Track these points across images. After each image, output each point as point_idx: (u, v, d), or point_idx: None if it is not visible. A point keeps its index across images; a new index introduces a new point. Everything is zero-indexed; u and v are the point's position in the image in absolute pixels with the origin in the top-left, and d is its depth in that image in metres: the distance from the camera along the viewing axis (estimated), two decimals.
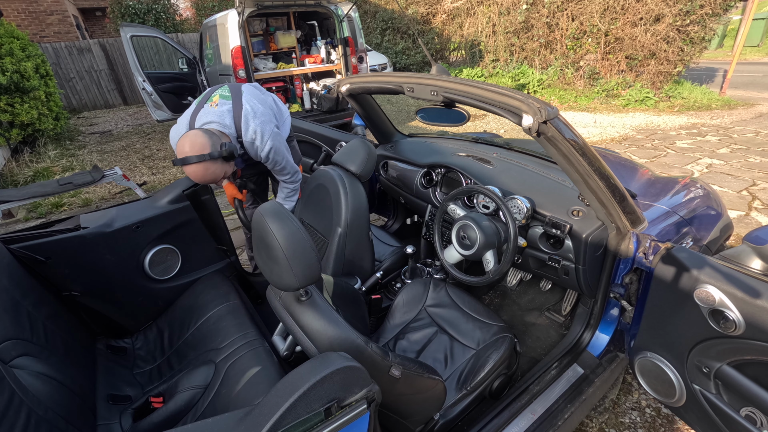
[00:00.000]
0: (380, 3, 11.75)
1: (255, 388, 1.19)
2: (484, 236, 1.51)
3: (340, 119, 5.41)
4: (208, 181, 1.60)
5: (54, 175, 5.03)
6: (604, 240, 1.42)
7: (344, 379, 0.76)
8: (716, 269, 1.12)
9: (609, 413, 1.77)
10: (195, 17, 12.83)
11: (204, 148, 1.52)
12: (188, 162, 1.51)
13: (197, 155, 1.51)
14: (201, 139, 1.53)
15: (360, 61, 5.67)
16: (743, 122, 6.25)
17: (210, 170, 1.56)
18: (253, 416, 0.70)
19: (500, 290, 2.26)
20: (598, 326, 1.58)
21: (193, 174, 1.55)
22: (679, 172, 4.44)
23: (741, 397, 1.15)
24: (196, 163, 1.52)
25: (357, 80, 1.79)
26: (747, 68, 11.36)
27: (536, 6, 8.50)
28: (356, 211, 1.62)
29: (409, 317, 1.66)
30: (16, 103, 5.18)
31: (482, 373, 1.37)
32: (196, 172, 1.54)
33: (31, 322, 1.23)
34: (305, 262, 0.88)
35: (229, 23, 4.74)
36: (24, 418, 0.94)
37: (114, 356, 1.55)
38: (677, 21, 6.89)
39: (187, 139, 1.52)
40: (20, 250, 1.38)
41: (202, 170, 1.54)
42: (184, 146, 1.51)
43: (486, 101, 1.20)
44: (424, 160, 2.12)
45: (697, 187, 2.02)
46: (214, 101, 1.69)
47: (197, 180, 1.58)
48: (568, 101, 8.03)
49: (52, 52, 9.04)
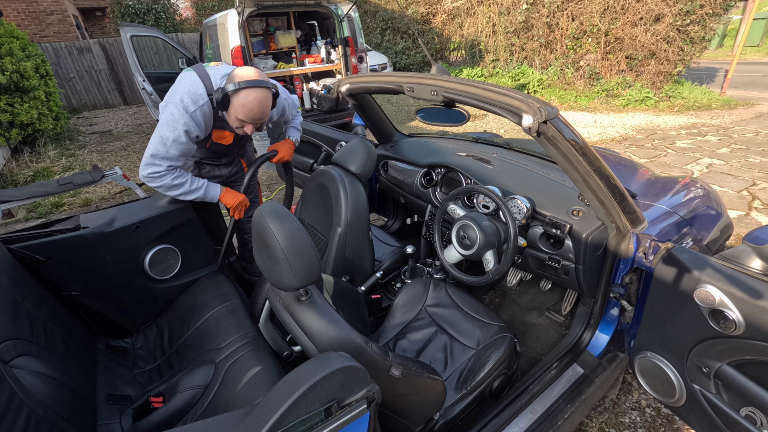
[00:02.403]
0: (380, 3, 11.75)
1: (255, 388, 1.18)
2: (484, 236, 1.51)
3: (340, 119, 5.40)
4: (264, 114, 1.52)
5: (54, 175, 5.02)
6: (604, 240, 1.42)
7: (344, 379, 0.76)
8: (716, 269, 1.12)
9: (609, 413, 1.77)
10: (195, 17, 12.83)
11: (268, 79, 1.51)
12: (259, 85, 1.45)
13: (266, 81, 1.49)
14: (262, 73, 1.51)
15: (360, 61, 5.66)
16: (743, 122, 6.25)
17: (270, 102, 1.53)
18: (253, 416, 0.70)
19: (500, 290, 2.26)
20: (598, 326, 1.58)
21: (259, 99, 1.47)
22: (679, 172, 4.44)
23: (741, 397, 1.15)
24: (264, 88, 1.47)
25: (357, 80, 1.79)
26: (747, 68, 11.36)
27: (536, 6, 8.50)
28: (356, 211, 1.62)
29: (409, 317, 1.66)
30: (16, 103, 5.18)
31: (482, 373, 1.37)
32: (264, 97, 1.48)
33: (31, 322, 1.23)
34: (305, 262, 0.88)
35: (229, 23, 4.74)
36: (24, 418, 0.94)
37: (114, 356, 1.55)
38: (677, 21, 6.89)
39: (252, 69, 1.49)
40: (20, 250, 1.38)
41: (267, 98, 1.50)
42: (252, 72, 1.47)
43: (486, 101, 1.20)
44: (424, 160, 2.12)
45: (697, 187, 2.02)
46: (214, 63, 1.64)
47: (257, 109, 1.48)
48: (568, 101, 8.02)
49: (52, 52, 9.04)
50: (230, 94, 1.45)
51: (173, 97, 1.51)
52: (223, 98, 1.46)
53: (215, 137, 1.70)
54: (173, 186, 1.57)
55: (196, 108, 1.51)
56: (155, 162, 1.51)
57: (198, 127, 1.53)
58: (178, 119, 1.48)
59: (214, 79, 1.54)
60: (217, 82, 1.53)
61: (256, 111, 1.48)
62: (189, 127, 1.50)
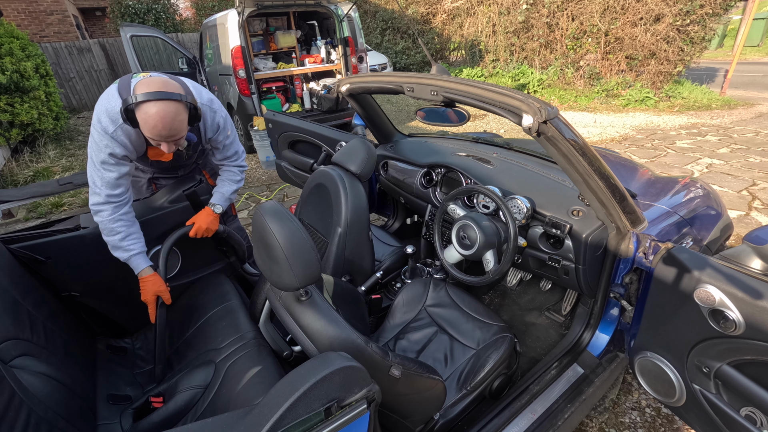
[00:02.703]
0: (380, 3, 11.75)
1: (255, 388, 1.18)
2: (484, 236, 1.51)
3: (340, 119, 5.41)
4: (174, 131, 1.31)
5: (54, 175, 5.03)
6: (604, 240, 1.42)
7: (344, 379, 0.76)
8: (716, 269, 1.12)
9: (609, 413, 1.77)
10: (195, 17, 12.83)
11: (178, 89, 1.31)
12: (159, 97, 1.24)
13: (171, 92, 1.27)
14: (173, 82, 1.32)
15: (360, 61, 5.67)
16: (743, 122, 6.25)
17: (180, 117, 1.30)
18: (253, 416, 0.70)
19: (500, 290, 2.26)
20: (598, 326, 1.58)
21: (161, 114, 1.25)
22: (679, 172, 4.44)
23: (741, 397, 1.15)
24: (168, 101, 1.26)
25: (357, 80, 1.79)
26: (747, 68, 11.36)
27: (536, 6, 8.50)
28: (356, 211, 1.62)
29: (409, 317, 1.66)
30: (16, 103, 5.18)
31: (482, 373, 1.37)
32: (166, 112, 1.26)
33: (31, 322, 1.23)
34: (305, 262, 0.88)
35: (229, 23, 4.74)
36: (24, 418, 0.94)
37: (114, 356, 1.55)
38: (677, 21, 6.89)
39: (157, 79, 1.29)
40: (20, 250, 1.38)
41: (173, 112, 1.27)
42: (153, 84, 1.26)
43: (486, 101, 1.20)
44: (424, 160, 2.12)
45: (697, 186, 2.02)
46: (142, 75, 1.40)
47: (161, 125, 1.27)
48: (568, 101, 8.02)
49: (52, 52, 9.04)
50: (132, 108, 1.25)
51: (94, 116, 1.37)
52: (127, 114, 1.27)
53: (152, 155, 1.56)
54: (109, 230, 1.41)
55: (116, 127, 1.35)
56: (95, 189, 1.39)
57: (124, 147, 1.38)
58: (98, 141, 1.36)
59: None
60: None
61: (159, 127, 1.27)
62: (113, 149, 1.36)
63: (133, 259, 1.47)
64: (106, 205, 1.40)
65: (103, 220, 1.41)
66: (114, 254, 1.45)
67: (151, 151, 1.55)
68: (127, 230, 1.45)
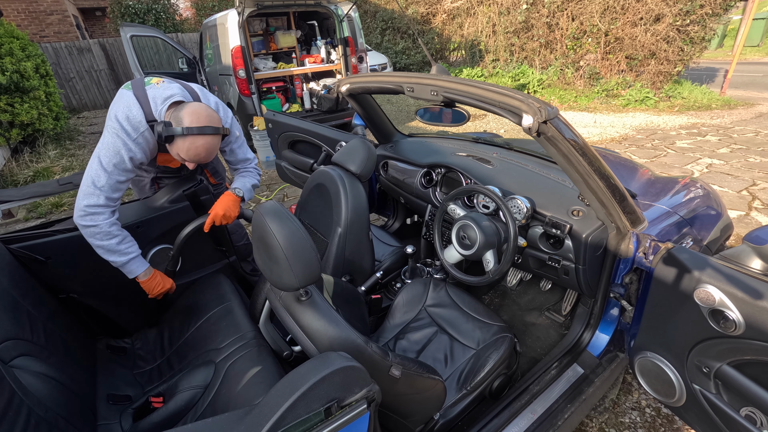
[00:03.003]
0: (380, 3, 11.75)
1: (255, 388, 1.18)
2: (484, 236, 1.51)
3: (340, 119, 5.40)
4: (210, 158, 1.45)
5: (54, 175, 5.02)
6: (604, 240, 1.42)
7: (344, 379, 0.76)
8: (716, 269, 1.12)
9: (609, 413, 1.77)
10: (195, 17, 12.83)
11: (219, 121, 1.43)
12: (209, 132, 1.38)
13: (217, 127, 1.40)
14: (213, 112, 1.43)
15: (360, 61, 5.67)
16: (743, 122, 6.25)
17: (217, 147, 1.45)
18: (253, 416, 0.70)
19: (500, 290, 2.26)
20: (598, 326, 1.58)
21: (206, 146, 1.40)
22: (679, 172, 4.44)
23: (741, 397, 1.15)
24: (213, 135, 1.40)
25: (357, 80, 1.79)
26: (747, 68, 11.36)
27: (536, 6, 8.50)
28: (356, 211, 1.62)
29: (409, 317, 1.66)
30: (16, 103, 5.18)
31: (482, 373, 1.37)
32: (211, 144, 1.41)
33: (31, 322, 1.23)
34: (305, 262, 0.88)
35: (229, 23, 4.74)
36: (24, 418, 0.94)
37: (114, 356, 1.55)
38: (677, 21, 6.89)
39: (202, 110, 1.39)
40: (20, 250, 1.38)
41: (215, 144, 1.43)
42: (201, 116, 1.37)
43: (486, 101, 1.20)
44: (424, 160, 2.12)
45: (697, 187, 2.02)
46: (156, 81, 1.46)
47: (204, 154, 1.41)
48: (568, 101, 8.02)
49: (52, 52, 9.04)
50: (176, 136, 1.35)
51: (111, 120, 1.39)
52: (167, 137, 1.35)
53: (160, 161, 1.61)
54: (106, 233, 1.37)
55: (138, 134, 1.40)
56: (95, 192, 1.35)
57: (143, 153, 1.43)
58: (115, 145, 1.36)
59: (154, 104, 1.41)
60: (158, 109, 1.40)
61: (202, 156, 1.42)
62: (134, 155, 1.39)
63: (132, 263, 1.45)
64: (104, 208, 1.37)
65: (99, 224, 1.36)
66: (108, 258, 1.41)
67: (160, 157, 1.58)
68: (122, 233, 1.43)
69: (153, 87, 1.43)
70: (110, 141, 1.37)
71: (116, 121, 1.37)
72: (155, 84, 1.44)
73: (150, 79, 1.46)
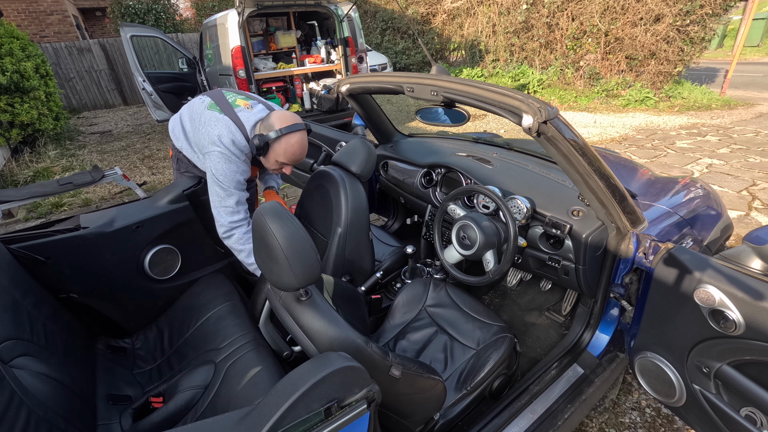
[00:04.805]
0: (380, 3, 11.75)
1: (255, 388, 1.18)
2: (484, 236, 1.51)
3: (340, 119, 5.41)
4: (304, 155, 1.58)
5: (54, 175, 5.03)
6: (604, 240, 1.42)
7: (344, 379, 0.76)
8: (716, 269, 1.12)
9: (609, 413, 1.77)
10: (195, 17, 12.83)
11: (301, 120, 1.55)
12: (298, 129, 1.50)
13: (302, 123, 1.53)
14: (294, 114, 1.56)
15: (360, 61, 5.67)
16: (743, 122, 6.25)
17: (307, 142, 1.57)
18: (253, 416, 0.70)
19: (500, 290, 2.26)
20: (598, 326, 1.58)
21: (300, 142, 1.52)
22: (679, 172, 4.44)
23: (741, 397, 1.15)
24: (303, 130, 1.53)
25: (357, 80, 1.79)
26: (747, 68, 11.36)
27: (536, 6, 8.50)
28: (356, 211, 1.61)
29: (409, 317, 1.66)
30: (16, 103, 5.18)
31: (482, 373, 1.37)
32: (304, 140, 1.54)
33: (31, 322, 1.23)
34: (305, 262, 0.88)
35: (229, 23, 4.74)
36: (24, 418, 0.94)
37: (114, 356, 1.55)
38: (677, 21, 6.90)
39: (286, 112, 1.54)
40: (20, 250, 1.38)
41: (306, 139, 1.55)
42: (287, 117, 1.51)
43: (486, 101, 1.20)
44: (424, 160, 2.12)
45: (697, 187, 2.02)
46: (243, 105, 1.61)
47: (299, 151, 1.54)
48: (568, 101, 8.03)
49: (52, 52, 9.04)
50: (271, 142, 1.49)
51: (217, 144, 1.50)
52: (263, 146, 1.50)
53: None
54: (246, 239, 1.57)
55: (245, 156, 1.57)
56: (235, 209, 1.54)
57: (249, 172, 1.61)
58: (231, 168, 1.51)
59: (247, 126, 1.56)
60: (250, 129, 1.55)
61: (298, 153, 1.54)
62: (246, 174, 1.58)
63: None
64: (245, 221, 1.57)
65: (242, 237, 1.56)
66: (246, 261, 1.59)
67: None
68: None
69: (244, 111, 1.57)
70: (221, 165, 1.50)
71: (223, 146, 1.49)
72: (245, 108, 1.58)
73: (235, 100, 1.60)
